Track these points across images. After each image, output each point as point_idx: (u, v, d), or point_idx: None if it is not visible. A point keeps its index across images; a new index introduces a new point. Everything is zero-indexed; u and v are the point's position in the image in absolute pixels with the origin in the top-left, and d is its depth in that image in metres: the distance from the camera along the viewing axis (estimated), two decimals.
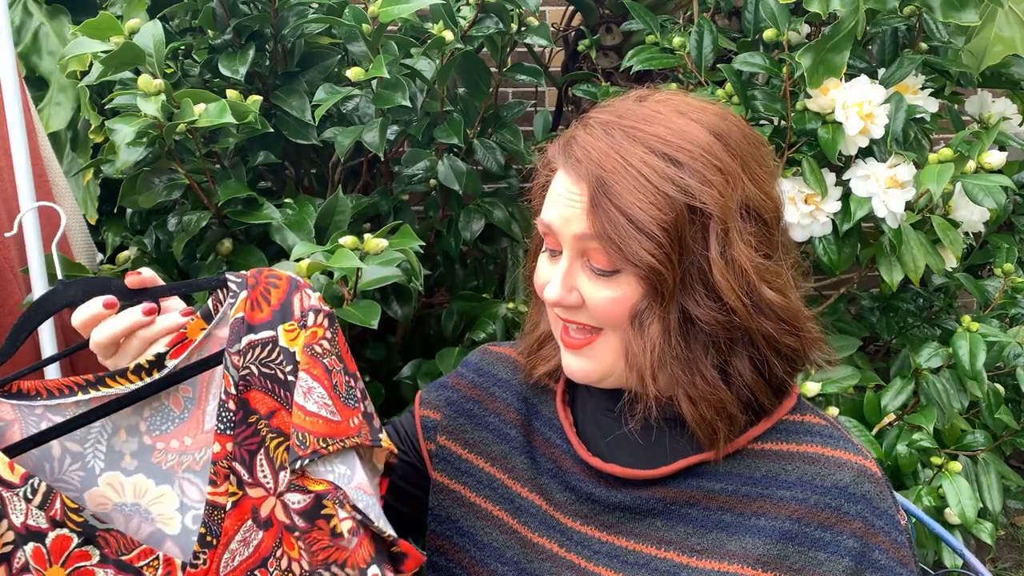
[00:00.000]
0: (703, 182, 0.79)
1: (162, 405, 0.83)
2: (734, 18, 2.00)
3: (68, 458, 0.83)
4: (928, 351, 1.73)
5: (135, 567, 0.81)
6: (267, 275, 0.83)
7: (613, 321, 0.83)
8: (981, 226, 1.70)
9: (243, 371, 0.80)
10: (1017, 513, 2.98)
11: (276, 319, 0.81)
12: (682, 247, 0.79)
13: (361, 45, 1.57)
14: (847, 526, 0.82)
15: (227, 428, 0.80)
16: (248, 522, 0.82)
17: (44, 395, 0.82)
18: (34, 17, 1.82)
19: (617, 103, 0.87)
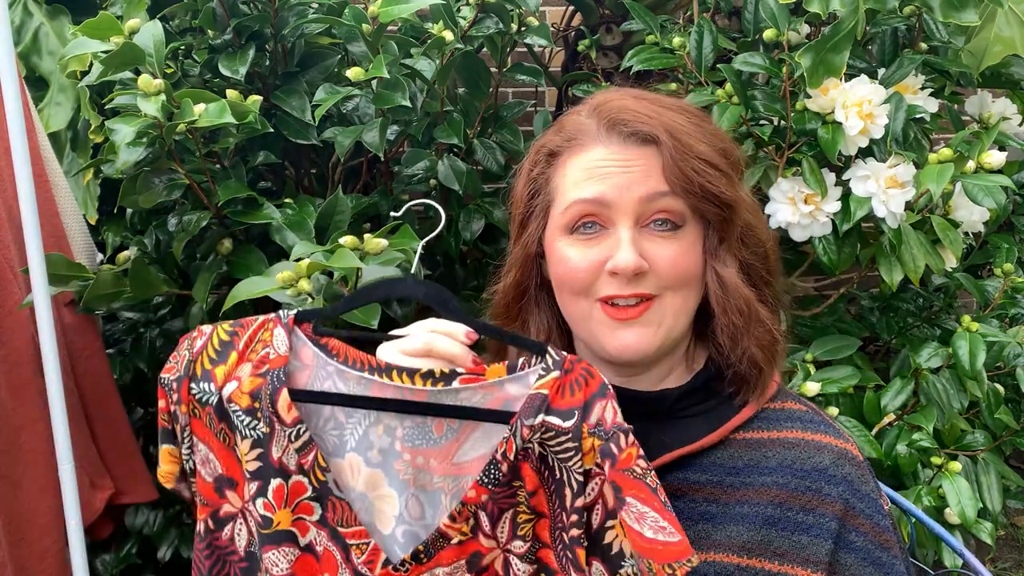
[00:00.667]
0: (722, 135, 0.91)
1: (425, 423, 0.85)
2: (734, 18, 2.00)
3: (332, 422, 0.87)
4: (928, 351, 1.73)
5: (346, 541, 0.84)
6: (583, 366, 0.83)
7: (679, 278, 0.87)
8: (981, 226, 1.69)
9: (527, 444, 0.81)
10: (1017, 513, 2.98)
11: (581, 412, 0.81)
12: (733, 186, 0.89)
13: (361, 45, 1.57)
14: (829, 508, 0.83)
15: (489, 483, 0.82)
16: (463, 561, 0.84)
17: (341, 359, 0.87)
18: (34, 17, 1.82)
19: (612, 89, 0.95)
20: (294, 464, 0.84)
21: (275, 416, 0.83)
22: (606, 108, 0.89)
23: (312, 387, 0.87)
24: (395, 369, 0.84)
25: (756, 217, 0.91)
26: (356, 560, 0.84)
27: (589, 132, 0.89)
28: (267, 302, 1.60)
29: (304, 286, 1.28)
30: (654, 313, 0.87)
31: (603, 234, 0.87)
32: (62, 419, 1.47)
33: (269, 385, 0.83)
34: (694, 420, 0.90)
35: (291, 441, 0.83)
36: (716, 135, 0.91)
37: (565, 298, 0.92)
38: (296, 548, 0.85)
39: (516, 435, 0.80)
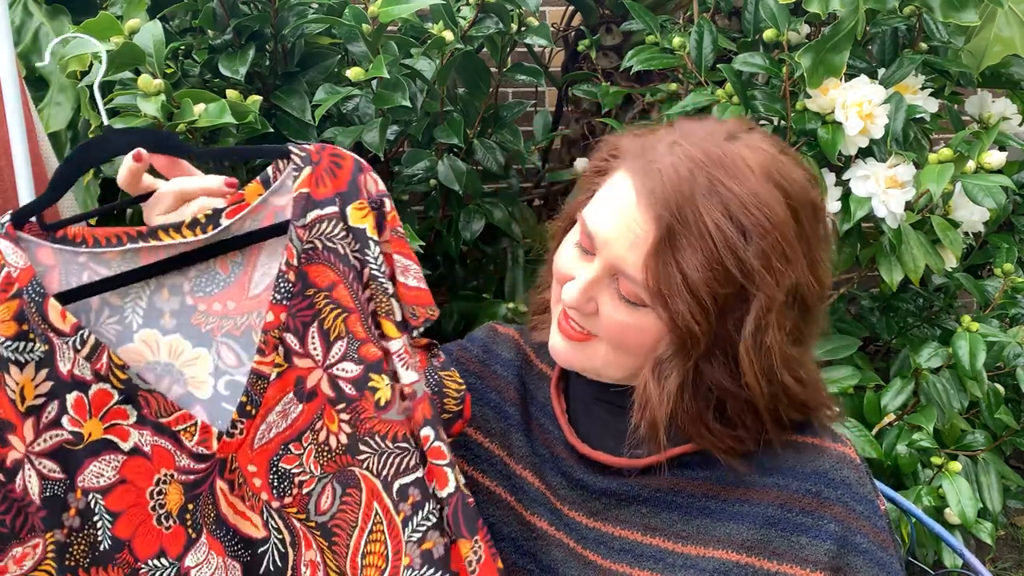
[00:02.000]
0: (766, 267, 0.77)
1: (209, 267, 0.83)
2: (734, 18, 2.00)
3: (107, 310, 0.82)
4: (928, 351, 1.73)
5: (172, 430, 0.81)
6: (331, 152, 0.84)
7: (621, 345, 0.84)
8: (981, 226, 1.70)
9: (307, 245, 0.82)
10: (1017, 513, 2.98)
11: (344, 197, 0.83)
12: (721, 317, 0.78)
13: (361, 45, 1.57)
14: (828, 511, 0.83)
15: (283, 298, 0.81)
16: (289, 394, 0.83)
17: (90, 243, 0.81)
18: (34, 17, 1.82)
19: (707, 133, 0.83)
20: (89, 373, 0.79)
21: (51, 330, 0.78)
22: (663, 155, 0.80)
23: (66, 284, 0.80)
24: (159, 229, 0.81)
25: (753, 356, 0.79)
26: (189, 444, 0.81)
27: (641, 160, 0.82)
28: None
29: None
30: (589, 349, 0.86)
31: (588, 257, 0.84)
32: None
33: (31, 302, 0.78)
34: None
35: (77, 350, 0.78)
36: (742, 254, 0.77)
37: (553, 279, 0.91)
38: (119, 454, 0.81)
39: (293, 239, 0.81)
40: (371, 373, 0.82)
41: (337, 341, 0.83)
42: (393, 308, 0.83)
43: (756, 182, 0.78)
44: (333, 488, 0.84)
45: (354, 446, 0.83)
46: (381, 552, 0.83)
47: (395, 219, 0.85)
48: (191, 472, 0.82)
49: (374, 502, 0.84)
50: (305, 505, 0.84)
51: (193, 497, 0.82)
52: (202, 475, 0.82)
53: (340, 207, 0.83)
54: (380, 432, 0.83)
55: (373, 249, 0.83)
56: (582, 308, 0.84)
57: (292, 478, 0.84)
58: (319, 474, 0.84)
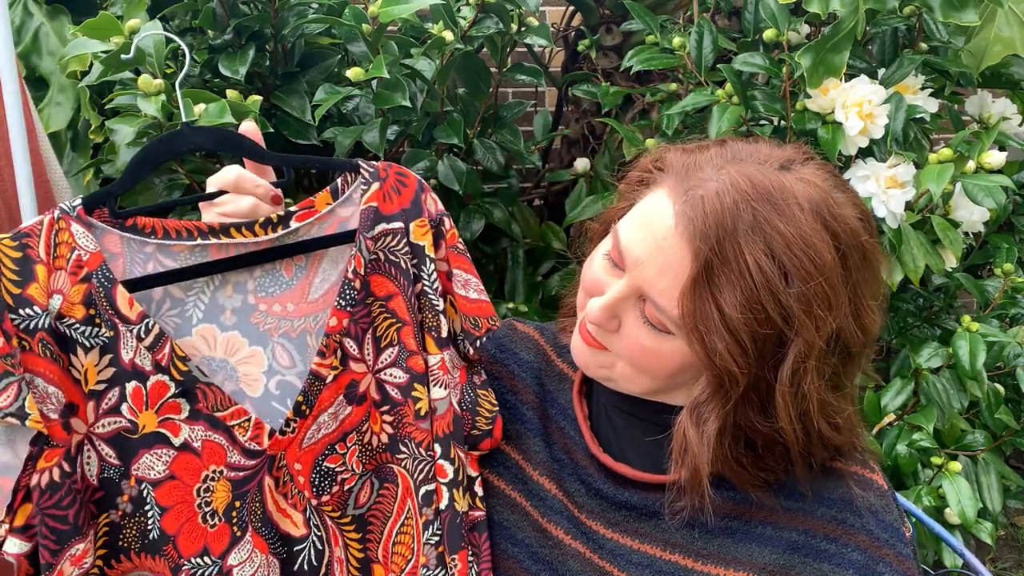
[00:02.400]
0: (806, 312, 0.74)
1: (274, 268, 0.86)
2: (734, 18, 2.00)
3: (168, 302, 0.83)
4: (928, 351, 1.73)
5: (227, 425, 0.82)
6: (396, 171, 0.88)
7: (641, 365, 0.82)
8: (981, 226, 1.69)
9: (371, 255, 0.85)
10: (1017, 513, 2.98)
11: (408, 214, 0.87)
12: (760, 359, 0.75)
13: (361, 45, 1.57)
14: (852, 539, 0.81)
15: (348, 304, 0.84)
16: (340, 396, 0.85)
17: (159, 234, 0.82)
18: (34, 17, 1.82)
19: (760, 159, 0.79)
20: (149, 363, 0.80)
21: (117, 317, 0.79)
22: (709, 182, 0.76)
23: (131, 273, 0.81)
24: (231, 226, 0.83)
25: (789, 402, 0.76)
26: (242, 439, 0.82)
27: (686, 183, 0.77)
28: None
29: None
30: (607, 359, 0.84)
31: (617, 273, 0.82)
32: None
33: (99, 287, 0.79)
34: None
35: (140, 339, 0.79)
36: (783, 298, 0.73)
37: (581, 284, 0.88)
38: (171, 449, 0.82)
39: (362, 249, 0.85)
40: (416, 383, 0.86)
41: (388, 348, 0.86)
42: (440, 324, 0.87)
43: (804, 221, 0.74)
44: (372, 483, 0.88)
45: (394, 445, 0.88)
46: (409, 543, 0.87)
47: (454, 236, 0.89)
48: (241, 468, 0.83)
49: (408, 498, 0.88)
50: (344, 501, 0.87)
51: (241, 495, 0.83)
52: (251, 471, 0.83)
53: (404, 222, 0.87)
54: (416, 439, 0.86)
55: (428, 266, 0.87)
56: (604, 326, 0.82)
57: (335, 476, 0.86)
58: (360, 471, 0.87)
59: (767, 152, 0.80)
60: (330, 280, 0.86)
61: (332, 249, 0.87)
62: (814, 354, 0.75)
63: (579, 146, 2.21)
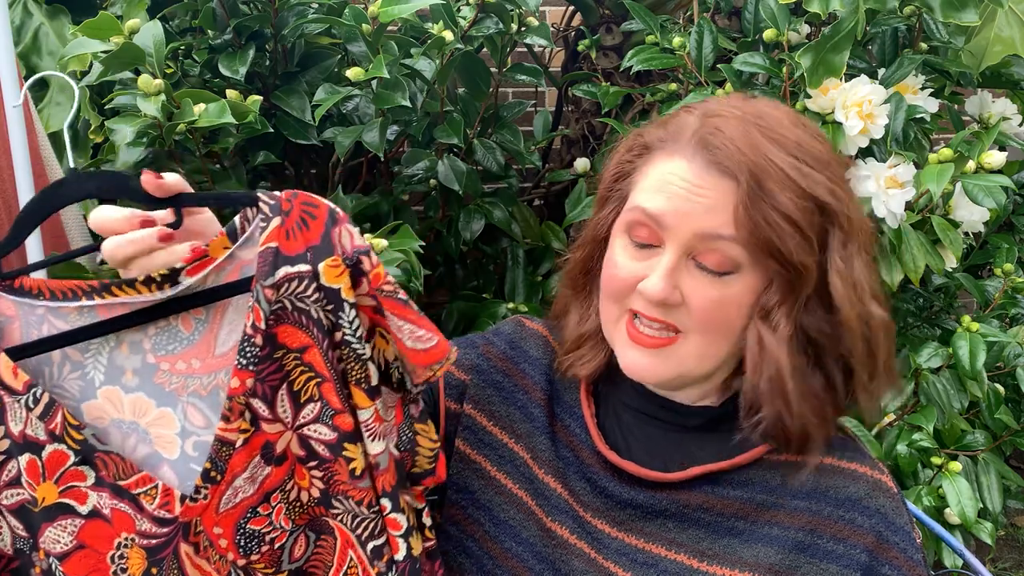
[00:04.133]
0: (835, 196, 0.81)
1: (169, 325, 0.78)
2: (734, 18, 2.00)
3: (68, 365, 0.78)
4: (928, 351, 1.73)
5: (132, 493, 0.77)
6: (303, 201, 0.76)
7: (712, 323, 0.81)
8: (981, 226, 1.69)
9: (275, 305, 0.75)
10: (1017, 513, 2.98)
11: (316, 252, 0.75)
12: (820, 250, 0.81)
13: (361, 45, 1.57)
14: (860, 539, 0.81)
15: (250, 364, 0.75)
16: (256, 458, 0.78)
17: (47, 296, 0.77)
18: (34, 17, 1.82)
19: (726, 103, 0.86)
20: (43, 433, 0.75)
21: (1, 388, 0.74)
22: (708, 123, 0.82)
23: (28, 339, 0.77)
24: (112, 284, 0.75)
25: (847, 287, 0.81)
26: (150, 508, 0.76)
27: (682, 140, 0.83)
28: None
29: None
30: (673, 351, 0.83)
31: (651, 251, 0.83)
32: None
33: None
34: (730, 436, 0.87)
35: (29, 409, 0.74)
36: (820, 186, 0.81)
37: (603, 297, 0.88)
38: (77, 518, 0.77)
39: (260, 301, 0.74)
40: (346, 443, 0.78)
41: (309, 403, 0.78)
42: (369, 373, 0.78)
43: (794, 129, 0.83)
44: (307, 536, 0.82)
45: (327, 500, 0.80)
46: None
47: (379, 277, 0.77)
48: (153, 536, 0.77)
49: (349, 550, 0.81)
50: (277, 559, 0.81)
51: (157, 562, 0.78)
52: (165, 539, 0.77)
53: (312, 263, 0.75)
54: (355, 498, 0.80)
55: (348, 312, 0.76)
56: (670, 298, 0.80)
57: (261, 537, 0.79)
58: (291, 528, 0.80)
59: (725, 99, 0.89)
60: (238, 331, 0.78)
61: (236, 297, 0.78)
62: (851, 238, 0.82)
63: (579, 146, 2.21)
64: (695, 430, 0.88)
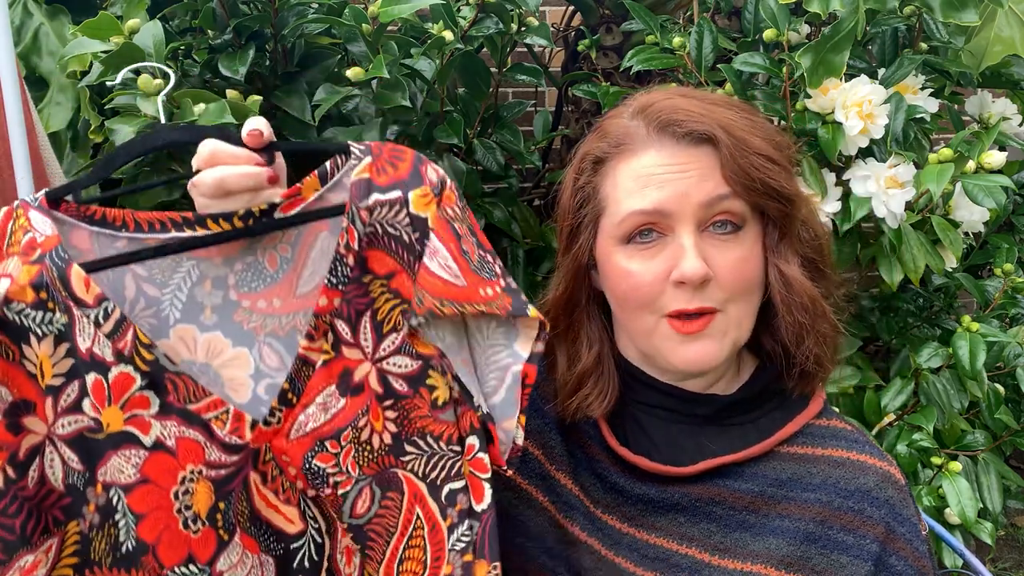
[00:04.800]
0: (772, 127, 0.88)
1: (256, 260, 0.77)
2: (734, 18, 2.00)
3: (142, 301, 0.75)
4: (928, 351, 1.73)
5: (202, 418, 0.74)
6: (391, 148, 0.78)
7: (742, 284, 0.84)
8: (981, 226, 1.70)
9: (368, 228, 0.75)
10: (1017, 513, 2.98)
11: (406, 183, 0.76)
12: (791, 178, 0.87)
13: (361, 45, 1.57)
14: (870, 530, 0.82)
15: (339, 283, 0.75)
16: (332, 387, 0.76)
17: (132, 227, 0.74)
18: (34, 17, 1.82)
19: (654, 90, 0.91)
20: (110, 353, 0.71)
21: (72, 300, 0.70)
22: (655, 109, 0.85)
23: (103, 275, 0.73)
24: (208, 218, 0.74)
25: (810, 210, 0.90)
26: (220, 433, 0.74)
27: (638, 136, 0.85)
28: None
29: None
30: (719, 323, 0.84)
31: (662, 242, 0.84)
32: None
33: (52, 267, 0.71)
34: (740, 429, 0.88)
35: (98, 325, 0.71)
36: (767, 128, 0.88)
37: (628, 313, 0.87)
38: (141, 449, 0.73)
39: (355, 221, 0.75)
40: (430, 370, 0.76)
41: (391, 333, 0.76)
42: None
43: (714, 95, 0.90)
44: (372, 491, 0.79)
45: (399, 447, 0.78)
46: (420, 558, 0.78)
47: (448, 199, 0.77)
48: (222, 466, 0.74)
49: (416, 507, 0.78)
50: (340, 507, 0.78)
51: (224, 495, 0.75)
52: (234, 468, 0.75)
53: (403, 193, 0.76)
54: (435, 432, 0.77)
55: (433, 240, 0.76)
56: (708, 274, 0.82)
57: (327, 477, 0.77)
58: (357, 475, 0.78)
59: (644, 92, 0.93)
60: (321, 272, 0.77)
61: (323, 237, 0.77)
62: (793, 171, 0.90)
63: None
64: (705, 421, 0.89)
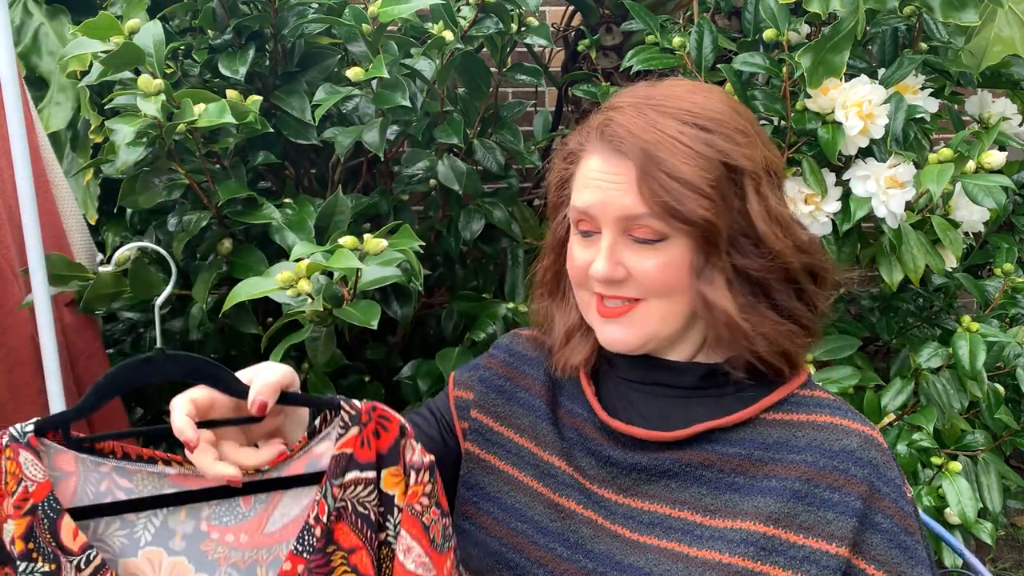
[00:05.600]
0: (733, 143, 0.87)
1: (233, 499, 0.83)
2: (734, 18, 2.00)
3: (117, 522, 0.82)
4: (928, 351, 1.73)
5: None
6: (379, 414, 0.84)
7: (660, 287, 0.88)
8: (981, 226, 1.69)
9: (339, 503, 0.82)
10: (1017, 513, 2.98)
11: (381, 461, 0.84)
12: (726, 202, 0.86)
13: (361, 45, 1.57)
14: (854, 488, 0.85)
15: (305, 551, 0.82)
16: None
17: (119, 455, 0.81)
18: (34, 17, 1.82)
19: (634, 89, 0.93)
20: None
21: (59, 550, 0.77)
22: (605, 116, 0.91)
23: (83, 494, 0.80)
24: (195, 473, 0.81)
25: (770, 225, 0.88)
26: None
27: (591, 139, 0.92)
28: (267, 302, 1.60)
29: (303, 287, 1.28)
30: (637, 315, 0.90)
31: (596, 239, 0.91)
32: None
33: (44, 519, 0.77)
34: (725, 398, 0.93)
35: (80, 569, 0.78)
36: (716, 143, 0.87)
37: (575, 287, 0.96)
38: None
39: (327, 496, 0.82)
40: None
41: None
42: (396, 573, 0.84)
43: (689, 96, 0.90)
44: None
45: None
46: None
47: (415, 494, 0.84)
48: None
49: None
50: None
51: None
52: None
53: (377, 470, 0.84)
54: None
55: (396, 516, 0.84)
56: (614, 274, 0.88)
57: None
58: None
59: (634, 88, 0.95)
60: (289, 515, 0.84)
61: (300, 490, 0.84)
62: (761, 176, 0.89)
63: None
64: (692, 390, 0.93)
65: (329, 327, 1.41)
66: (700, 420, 0.91)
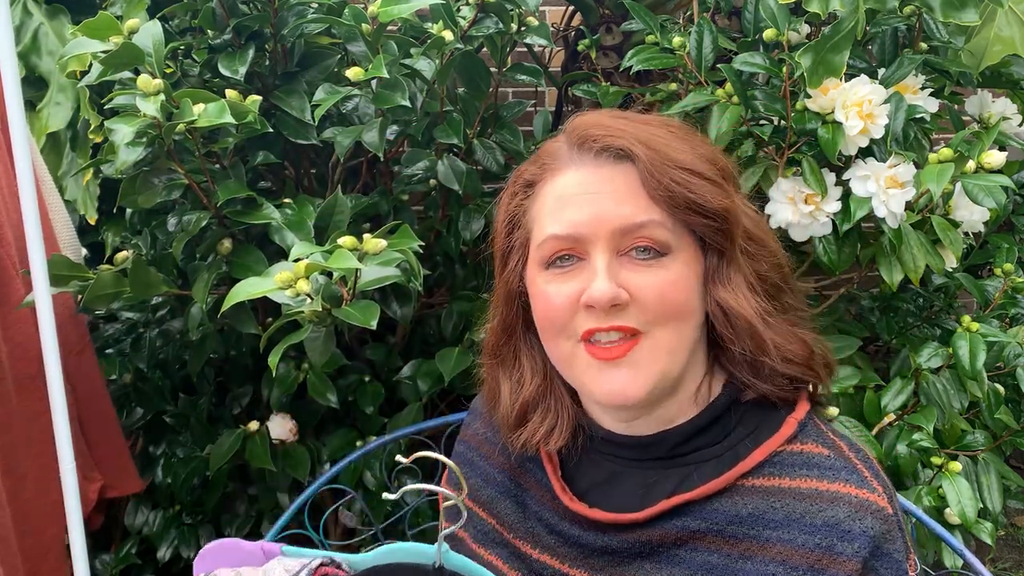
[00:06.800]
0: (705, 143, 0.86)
1: None
2: (734, 18, 1.99)
3: None
4: (928, 351, 1.73)
5: None
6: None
7: (669, 310, 0.79)
8: (981, 226, 1.69)
9: None
10: (1017, 513, 2.98)
11: None
12: (726, 191, 0.83)
13: (361, 45, 1.57)
14: (841, 568, 0.75)
15: None
16: None
17: None
18: (34, 17, 1.82)
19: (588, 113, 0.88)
20: None
21: None
22: (577, 126, 0.84)
23: None
24: None
25: (757, 224, 0.85)
26: None
27: (561, 155, 0.84)
28: (267, 302, 1.60)
29: (303, 287, 1.28)
30: (642, 352, 0.79)
31: (580, 266, 0.81)
32: (63, 416, 1.48)
33: None
34: (700, 465, 0.84)
35: None
36: (701, 144, 0.84)
37: (548, 341, 0.85)
38: None
39: None
40: None
41: None
42: None
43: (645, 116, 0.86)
44: None
45: None
46: None
47: None
48: None
49: None
50: None
51: None
52: None
53: None
54: None
55: None
56: (619, 296, 0.77)
57: None
58: None
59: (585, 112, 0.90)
60: None
61: None
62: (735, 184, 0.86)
63: None
64: (658, 462, 0.85)
65: (328, 327, 1.41)
66: (665, 493, 0.83)
